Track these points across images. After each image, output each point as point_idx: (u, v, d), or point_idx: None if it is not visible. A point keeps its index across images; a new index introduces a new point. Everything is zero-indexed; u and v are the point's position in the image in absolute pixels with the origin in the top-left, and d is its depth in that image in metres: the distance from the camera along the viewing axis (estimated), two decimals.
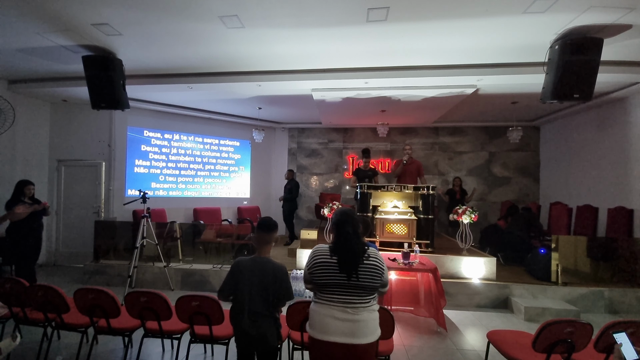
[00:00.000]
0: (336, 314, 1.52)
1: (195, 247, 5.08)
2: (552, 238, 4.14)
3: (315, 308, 1.59)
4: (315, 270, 1.58)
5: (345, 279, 1.53)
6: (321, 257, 1.59)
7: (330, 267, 1.55)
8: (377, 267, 1.58)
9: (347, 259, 1.54)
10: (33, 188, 3.94)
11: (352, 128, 7.68)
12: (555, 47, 3.17)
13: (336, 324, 1.51)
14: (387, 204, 4.50)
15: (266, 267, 1.78)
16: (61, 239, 5.70)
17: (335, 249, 1.59)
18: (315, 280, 1.58)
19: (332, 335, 1.50)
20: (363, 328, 1.52)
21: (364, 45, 3.51)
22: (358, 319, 1.52)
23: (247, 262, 1.80)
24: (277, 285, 1.77)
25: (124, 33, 3.26)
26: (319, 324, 1.55)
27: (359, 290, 1.55)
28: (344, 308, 1.53)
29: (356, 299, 1.54)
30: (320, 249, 1.63)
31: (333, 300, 1.55)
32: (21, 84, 4.84)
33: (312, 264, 1.60)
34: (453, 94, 4.82)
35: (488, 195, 7.23)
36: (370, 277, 1.56)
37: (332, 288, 1.55)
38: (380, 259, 1.62)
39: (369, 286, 1.56)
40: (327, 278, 1.55)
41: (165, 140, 6.46)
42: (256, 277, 1.76)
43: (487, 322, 3.57)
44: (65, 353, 2.73)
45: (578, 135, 5.85)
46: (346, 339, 1.49)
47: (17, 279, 2.47)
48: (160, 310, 2.22)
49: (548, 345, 1.94)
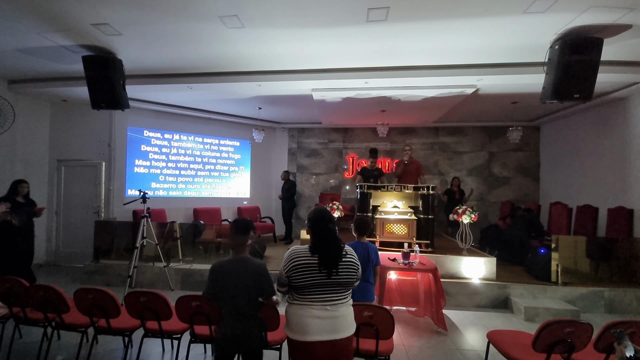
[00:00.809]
0: (316, 313, 1.54)
1: (195, 247, 5.08)
2: (552, 238, 4.14)
3: (293, 310, 1.60)
4: (293, 273, 1.58)
5: (325, 278, 1.55)
6: (299, 259, 1.59)
7: (309, 268, 1.56)
8: (354, 264, 1.64)
9: (330, 255, 1.56)
10: (27, 186, 3.93)
11: (352, 128, 7.68)
12: (555, 47, 3.17)
13: (317, 323, 1.53)
14: (387, 204, 4.50)
15: (246, 266, 1.78)
16: (61, 239, 5.70)
17: (315, 248, 1.60)
18: (294, 283, 1.58)
19: (313, 334, 1.52)
20: (343, 323, 1.57)
21: (364, 45, 3.51)
22: (338, 314, 1.56)
23: (226, 264, 1.80)
24: (258, 283, 1.77)
25: (124, 33, 3.26)
26: (298, 325, 1.55)
27: (338, 287, 1.59)
28: (324, 306, 1.55)
29: (335, 295, 1.58)
30: (297, 251, 1.63)
31: (312, 300, 1.56)
32: (21, 84, 4.84)
33: (290, 266, 1.59)
34: (453, 94, 4.82)
35: (488, 195, 7.24)
36: (348, 273, 1.60)
37: (311, 288, 1.56)
38: (355, 255, 1.68)
39: (347, 282, 1.60)
40: (307, 279, 1.56)
41: (165, 140, 6.46)
42: (237, 277, 1.75)
43: (487, 322, 3.57)
44: (65, 353, 2.73)
45: (578, 135, 5.85)
46: (327, 335, 1.52)
47: (17, 278, 2.47)
48: (160, 310, 2.23)
49: (548, 345, 1.94)
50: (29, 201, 3.95)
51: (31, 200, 4.01)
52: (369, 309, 2.05)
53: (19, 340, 2.90)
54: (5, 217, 3.63)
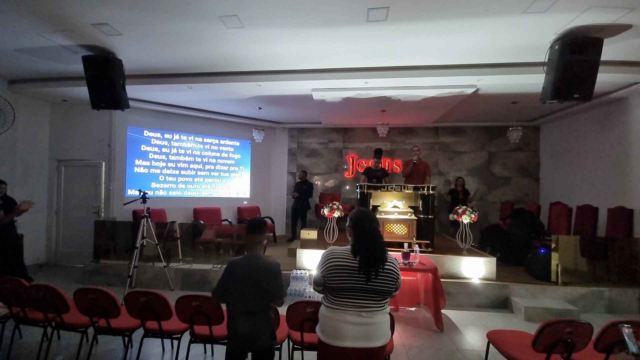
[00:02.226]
0: (351, 318, 1.50)
1: (195, 247, 5.08)
2: (552, 238, 4.14)
3: (327, 313, 1.56)
4: (330, 274, 1.53)
5: (363, 282, 1.50)
6: (338, 259, 1.54)
7: (347, 270, 1.51)
8: (394, 272, 1.57)
9: (374, 254, 1.50)
10: (4, 187, 3.94)
11: (352, 128, 7.68)
12: (555, 47, 3.17)
13: (351, 329, 1.49)
14: (387, 204, 4.50)
15: (259, 265, 1.78)
16: (61, 238, 5.70)
17: (358, 248, 1.54)
18: (330, 284, 1.54)
19: (347, 340, 1.48)
20: (377, 331, 1.51)
21: (364, 45, 3.51)
22: (373, 322, 1.51)
23: (240, 262, 1.81)
24: (268, 282, 1.76)
25: (124, 33, 3.26)
26: (332, 329, 1.52)
27: (375, 294, 1.52)
28: (359, 312, 1.50)
29: (371, 302, 1.52)
30: (336, 252, 1.58)
31: (347, 305, 1.51)
32: (21, 84, 4.84)
33: (327, 266, 1.54)
34: (453, 94, 4.82)
35: (488, 195, 7.23)
36: (387, 282, 1.53)
37: (347, 292, 1.52)
38: (396, 264, 1.61)
39: (385, 291, 1.54)
40: (344, 282, 1.51)
41: (165, 140, 6.46)
42: (249, 276, 1.76)
43: (487, 322, 3.57)
44: (65, 353, 2.73)
45: (578, 135, 5.85)
46: (361, 342, 1.48)
47: (17, 278, 2.47)
48: (160, 310, 2.22)
49: (548, 345, 1.94)
50: (7, 200, 3.93)
51: (10, 198, 3.99)
52: None
53: (19, 340, 2.90)
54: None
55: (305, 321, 2.04)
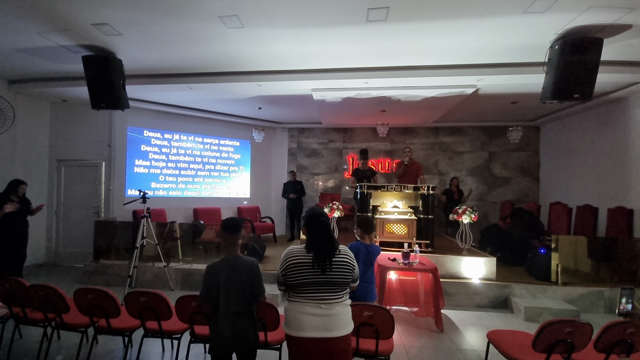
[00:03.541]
0: (310, 310, 1.56)
1: (195, 247, 5.08)
2: (552, 238, 4.14)
3: (289, 307, 1.63)
4: (289, 272, 1.60)
5: (319, 276, 1.57)
6: (295, 257, 1.62)
7: (304, 266, 1.59)
8: (348, 263, 1.64)
9: (324, 248, 1.58)
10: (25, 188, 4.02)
11: (352, 128, 7.68)
12: (555, 47, 3.17)
13: (310, 320, 1.55)
14: (387, 204, 4.50)
15: (238, 265, 1.79)
16: (61, 239, 5.70)
17: (310, 244, 1.62)
18: (289, 282, 1.61)
19: (307, 331, 1.54)
20: (337, 322, 1.57)
21: (364, 45, 3.51)
22: (332, 313, 1.57)
23: (219, 264, 1.80)
24: (251, 281, 1.78)
25: (124, 33, 3.26)
26: (293, 321, 1.58)
27: (332, 286, 1.59)
28: (318, 304, 1.57)
29: (329, 295, 1.59)
30: (292, 251, 1.66)
31: (307, 297, 1.58)
32: (21, 83, 4.84)
33: (286, 265, 1.62)
34: (453, 93, 4.82)
35: (488, 195, 7.24)
36: (342, 273, 1.61)
37: (305, 287, 1.59)
38: (351, 255, 1.68)
39: (341, 282, 1.61)
40: (301, 277, 1.58)
41: (165, 140, 6.46)
42: (230, 277, 1.76)
43: (487, 322, 3.57)
44: (65, 353, 2.73)
45: (578, 135, 5.86)
46: (321, 333, 1.54)
47: (17, 279, 2.47)
48: (160, 310, 2.22)
49: (548, 345, 1.94)
50: (23, 200, 3.98)
51: (26, 199, 4.03)
52: (369, 309, 2.05)
53: (19, 340, 2.90)
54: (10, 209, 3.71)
55: None
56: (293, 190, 6.81)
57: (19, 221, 3.92)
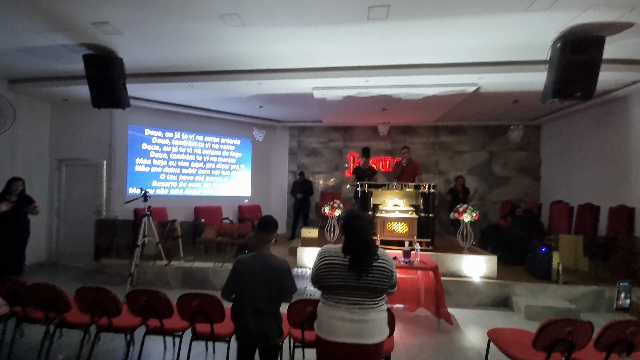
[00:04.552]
0: (344, 315, 1.51)
1: (196, 246, 5.09)
2: (552, 237, 4.14)
3: (323, 309, 1.58)
4: (322, 272, 1.55)
5: (354, 280, 1.51)
6: (330, 258, 1.56)
7: (339, 268, 1.53)
8: (386, 269, 1.56)
9: (360, 253, 1.51)
10: (21, 184, 3.95)
11: (353, 127, 7.67)
12: (557, 45, 3.16)
13: (343, 325, 1.50)
14: (388, 202, 4.50)
15: (268, 264, 1.79)
16: (62, 238, 5.71)
17: (347, 247, 1.55)
18: (323, 283, 1.56)
19: (339, 336, 1.50)
20: (371, 328, 1.51)
21: (364, 44, 3.50)
22: (366, 319, 1.51)
23: (248, 260, 1.81)
24: (279, 280, 1.78)
25: (125, 32, 3.26)
26: (326, 325, 1.54)
27: (367, 292, 1.53)
28: (352, 309, 1.51)
29: (364, 300, 1.53)
30: (328, 250, 1.60)
31: (341, 301, 1.53)
32: (21, 83, 4.84)
33: (320, 265, 1.57)
34: (454, 92, 4.82)
35: (488, 194, 7.23)
36: (379, 279, 1.54)
37: (339, 290, 1.53)
38: (390, 261, 1.60)
39: (377, 288, 1.54)
40: (336, 280, 1.53)
41: (166, 139, 6.46)
42: (259, 274, 1.76)
43: (488, 320, 3.57)
44: (67, 351, 2.74)
45: (579, 134, 5.84)
46: (353, 339, 1.49)
47: (17, 278, 2.48)
48: (161, 309, 2.23)
49: (548, 344, 1.94)
50: (24, 198, 3.93)
51: (28, 197, 4.00)
52: None
53: (20, 339, 2.90)
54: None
55: (306, 320, 2.04)
56: (300, 190, 6.84)
57: (17, 220, 3.89)
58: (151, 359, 2.68)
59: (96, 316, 2.34)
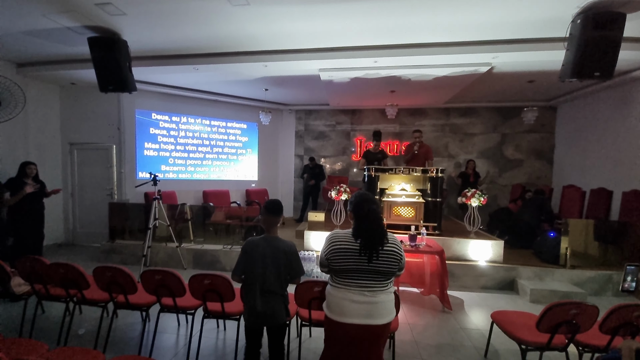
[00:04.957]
0: (354, 297, 1.55)
1: (205, 228, 5.21)
2: (562, 221, 4.09)
3: (332, 292, 1.62)
4: (333, 256, 1.57)
5: (364, 264, 1.54)
6: (340, 242, 1.58)
7: (349, 253, 1.55)
8: (396, 253, 1.59)
9: (372, 236, 1.52)
10: (34, 168, 4.04)
11: (361, 109, 7.54)
12: (577, 21, 2.98)
13: (354, 307, 1.54)
14: (395, 186, 4.49)
15: (277, 246, 1.84)
16: (78, 219, 5.92)
17: (358, 231, 1.56)
18: (333, 266, 1.58)
19: (350, 317, 1.54)
20: (380, 309, 1.55)
21: (373, 22, 3.37)
22: (376, 300, 1.55)
23: (258, 242, 1.85)
24: (288, 262, 1.83)
25: (128, 12, 3.20)
26: (336, 306, 1.58)
27: (377, 275, 1.56)
28: (362, 291, 1.55)
29: (374, 283, 1.56)
30: (338, 235, 1.62)
31: (351, 284, 1.56)
32: (29, 67, 4.87)
33: (330, 250, 1.59)
34: (466, 72, 4.64)
35: (499, 178, 7.11)
36: (389, 262, 1.56)
37: (350, 273, 1.56)
38: (399, 245, 1.62)
39: (388, 271, 1.57)
40: (346, 264, 1.55)
41: (173, 123, 6.49)
42: (268, 256, 1.81)
43: (492, 303, 3.61)
44: (87, 326, 2.90)
45: (596, 115, 5.62)
46: (364, 320, 1.53)
47: (38, 257, 2.59)
48: (174, 288, 2.32)
49: (552, 325, 1.97)
50: (37, 182, 4.04)
51: (41, 181, 4.10)
52: None
53: (42, 315, 3.08)
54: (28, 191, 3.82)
55: (313, 300, 2.10)
56: (312, 174, 6.85)
57: (34, 203, 4.03)
58: (166, 334, 2.82)
59: (114, 293, 2.45)
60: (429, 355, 2.57)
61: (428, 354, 2.59)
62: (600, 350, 2.05)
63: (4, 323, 2.91)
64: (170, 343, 2.70)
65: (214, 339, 2.76)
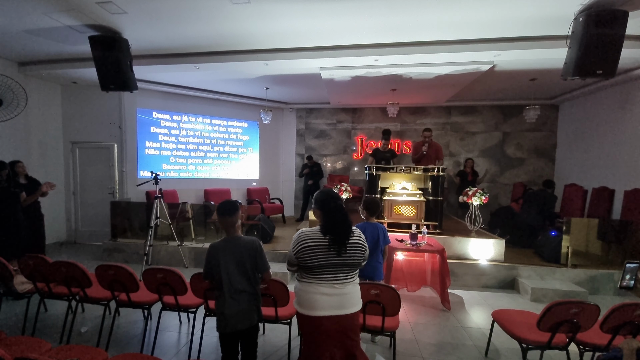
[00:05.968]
0: (325, 290, 1.61)
1: (206, 227, 5.22)
2: (564, 220, 4.08)
3: (303, 287, 1.66)
4: (303, 254, 1.62)
5: (334, 258, 1.60)
6: (309, 240, 1.63)
7: (318, 249, 1.61)
8: (361, 245, 1.68)
9: (340, 231, 1.61)
10: (22, 165, 3.94)
11: (362, 108, 7.52)
12: (580, 19, 2.97)
13: (325, 299, 1.60)
14: (396, 185, 4.48)
15: (238, 245, 1.83)
16: (80, 218, 5.94)
17: (326, 228, 1.63)
18: (303, 264, 1.63)
19: (322, 310, 1.59)
20: (350, 299, 1.64)
21: (374, 20, 3.36)
22: (345, 292, 1.63)
23: (220, 244, 1.85)
24: (252, 259, 1.83)
25: (129, 11, 3.20)
26: (307, 301, 1.62)
27: (345, 267, 1.64)
28: (332, 284, 1.62)
29: (342, 275, 1.64)
30: (306, 233, 1.66)
31: (321, 279, 1.62)
32: (31, 65, 4.88)
33: (300, 248, 1.63)
34: (468, 71, 4.63)
35: (500, 176, 7.10)
36: (356, 254, 1.65)
37: (320, 268, 1.61)
38: (362, 237, 1.72)
39: (355, 263, 1.66)
40: (317, 260, 1.60)
41: (174, 122, 6.49)
42: (230, 256, 1.81)
43: (493, 301, 3.62)
44: (90, 324, 2.92)
45: (598, 114, 5.59)
46: (335, 311, 1.60)
47: (40, 256, 2.60)
48: (176, 286, 2.33)
49: (553, 324, 1.97)
50: (31, 181, 3.97)
51: (33, 179, 4.01)
52: (376, 288, 2.11)
53: (44, 313, 3.10)
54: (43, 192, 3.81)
55: None
56: (310, 173, 6.85)
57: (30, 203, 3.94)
58: (168, 332, 2.83)
59: (116, 292, 2.47)
60: (430, 354, 2.58)
61: (428, 352, 2.59)
62: (601, 349, 2.05)
63: (6, 321, 2.93)
64: (172, 341, 2.71)
65: (216, 336, 2.77)
